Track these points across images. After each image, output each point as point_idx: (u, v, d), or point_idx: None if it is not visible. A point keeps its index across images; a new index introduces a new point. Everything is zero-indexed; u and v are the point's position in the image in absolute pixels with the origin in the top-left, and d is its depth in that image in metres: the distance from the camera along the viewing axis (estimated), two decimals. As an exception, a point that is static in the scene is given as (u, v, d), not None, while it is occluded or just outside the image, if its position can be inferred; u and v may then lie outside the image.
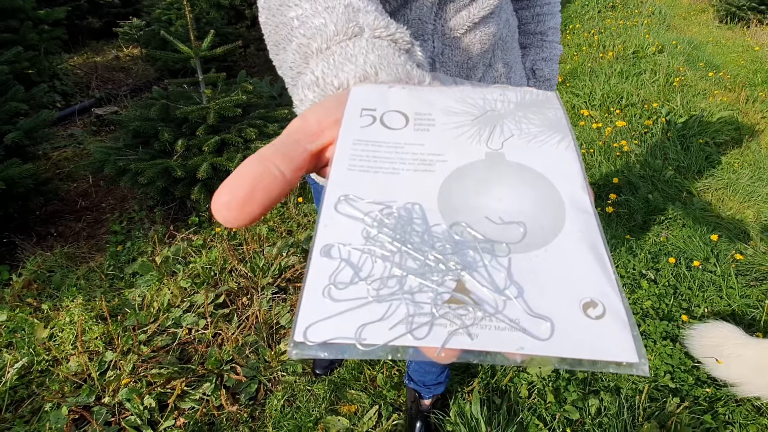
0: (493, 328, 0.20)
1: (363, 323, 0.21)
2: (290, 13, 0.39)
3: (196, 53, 2.26)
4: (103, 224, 2.31)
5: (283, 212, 2.26)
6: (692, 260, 1.99)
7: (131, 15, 5.41)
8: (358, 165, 0.26)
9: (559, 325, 0.20)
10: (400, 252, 0.23)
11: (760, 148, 3.16)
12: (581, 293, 0.21)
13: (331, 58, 0.33)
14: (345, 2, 0.38)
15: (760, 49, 5.46)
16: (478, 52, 0.71)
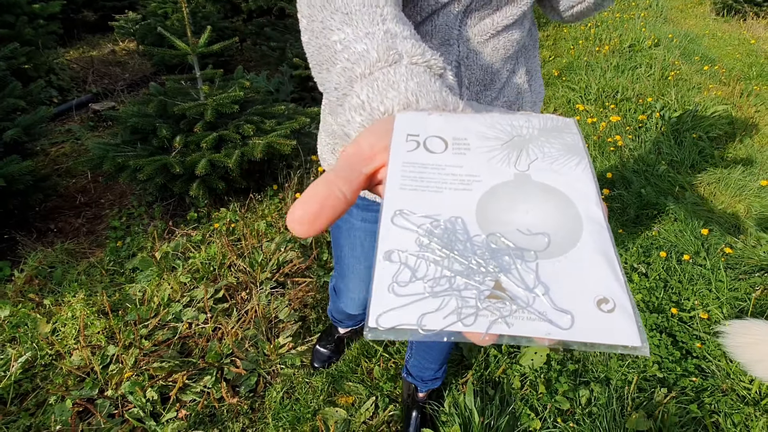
0: (525, 318, 0.26)
1: (422, 313, 0.26)
2: (333, 36, 0.43)
3: (194, 50, 2.28)
4: (102, 220, 2.33)
5: (281, 208, 2.29)
6: (683, 254, 2.03)
7: (126, 8, 5.38)
8: (408, 185, 0.31)
9: (578, 317, 0.26)
10: (448, 257, 0.28)
11: (753, 142, 3.19)
12: (595, 292, 0.27)
13: (375, 84, 0.37)
14: (384, 28, 0.42)
15: (756, 42, 5.48)
16: (501, 58, 0.75)
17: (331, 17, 0.44)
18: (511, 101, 0.82)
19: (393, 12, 0.45)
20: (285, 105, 2.51)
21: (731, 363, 1.57)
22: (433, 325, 0.25)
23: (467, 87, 0.76)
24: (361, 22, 0.43)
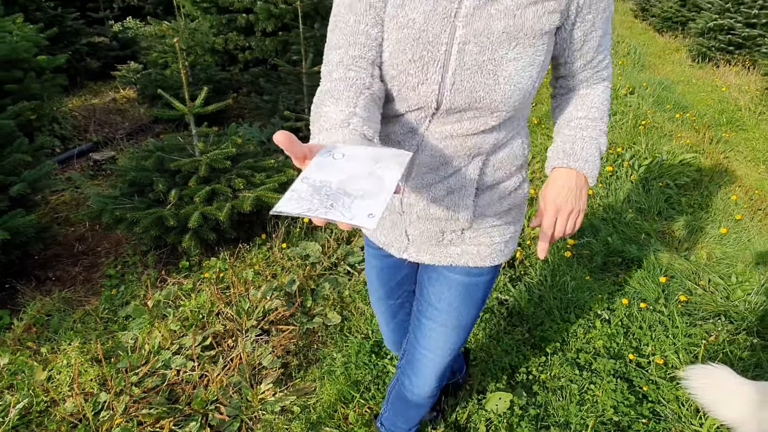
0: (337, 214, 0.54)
1: (305, 208, 0.55)
2: (323, 109, 0.80)
3: (190, 110, 2.46)
4: (98, 268, 2.46)
5: (268, 256, 2.43)
6: (644, 300, 2.16)
7: (129, 58, 5.66)
8: (318, 165, 0.61)
9: (356, 218, 0.54)
10: (320, 191, 0.57)
11: (719, 189, 3.38)
12: (370, 210, 0.54)
13: (327, 134, 0.73)
14: (348, 111, 0.77)
15: (727, 89, 5.78)
16: (461, 155, 0.91)
17: (325, 100, 0.81)
18: (454, 188, 0.93)
19: (365, 102, 0.80)
20: (275, 158, 2.68)
21: (683, 407, 1.68)
22: (299, 211, 0.54)
23: (417, 167, 0.92)
24: (339, 105, 0.78)
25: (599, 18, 0.87)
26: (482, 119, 0.86)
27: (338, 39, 0.86)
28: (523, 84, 0.83)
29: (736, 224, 2.85)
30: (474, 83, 0.82)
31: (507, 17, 0.79)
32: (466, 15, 0.79)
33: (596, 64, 0.95)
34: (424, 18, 0.81)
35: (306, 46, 3.79)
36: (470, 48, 0.80)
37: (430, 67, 0.82)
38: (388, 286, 1.25)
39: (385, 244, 1.09)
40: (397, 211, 1.00)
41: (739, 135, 4.53)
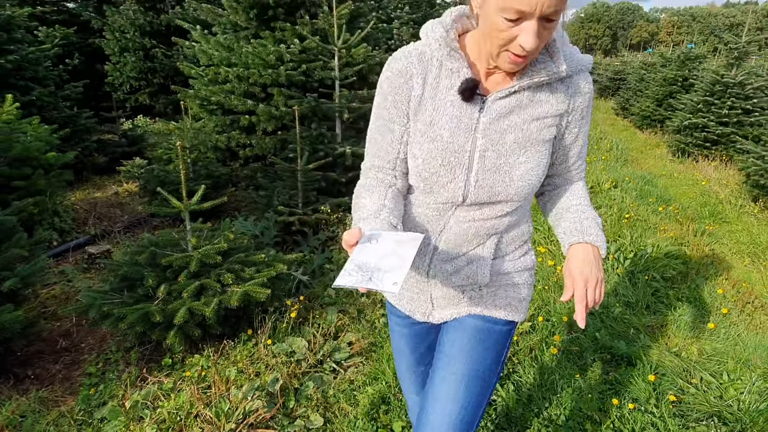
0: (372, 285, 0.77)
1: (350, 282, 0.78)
2: (361, 200, 1.04)
3: (186, 207, 2.56)
4: (79, 365, 2.41)
5: (253, 353, 2.40)
6: (635, 400, 2.11)
7: (135, 154, 5.95)
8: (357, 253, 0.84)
9: (384, 287, 0.77)
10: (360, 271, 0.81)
11: (706, 282, 3.41)
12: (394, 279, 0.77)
13: (362, 223, 0.97)
14: (379, 203, 1.01)
15: (707, 183, 6.01)
16: (476, 235, 1.08)
17: (362, 193, 1.07)
18: (473, 260, 1.10)
19: (392, 196, 1.06)
20: (265, 252, 2.75)
21: None
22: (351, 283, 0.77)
23: (443, 243, 1.09)
24: (374, 197, 1.04)
25: (581, 132, 1.08)
26: (499, 207, 1.05)
27: (371, 149, 1.11)
28: (532, 180, 1.02)
29: (724, 318, 2.85)
30: (493, 181, 1.01)
31: (516, 130, 0.99)
32: (483, 129, 0.99)
33: (577, 166, 1.13)
34: (450, 133, 1.00)
35: (302, 145, 4.03)
36: (489, 154, 1.00)
37: (457, 170, 1.01)
38: (418, 352, 1.32)
39: (410, 311, 1.22)
40: (424, 279, 1.15)
41: (722, 227, 4.65)
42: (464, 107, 0.99)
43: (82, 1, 9.23)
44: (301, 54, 4.65)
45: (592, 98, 1.05)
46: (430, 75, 1.01)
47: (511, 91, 0.97)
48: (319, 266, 3.30)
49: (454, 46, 0.98)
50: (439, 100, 1.01)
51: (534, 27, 0.83)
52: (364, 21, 5.64)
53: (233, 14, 4.94)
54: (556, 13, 0.83)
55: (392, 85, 1.03)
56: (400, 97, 1.02)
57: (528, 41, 0.84)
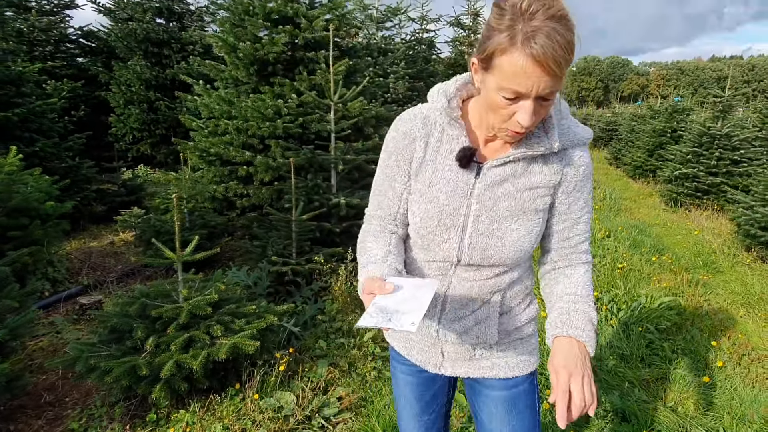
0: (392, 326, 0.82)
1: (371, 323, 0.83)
2: (367, 245, 1.12)
3: (179, 258, 2.58)
4: (62, 421, 2.36)
5: (240, 408, 2.35)
6: (631, 459, 2.05)
7: (134, 203, 6.02)
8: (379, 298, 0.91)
9: (402, 326, 0.83)
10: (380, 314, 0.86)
11: (702, 333, 3.38)
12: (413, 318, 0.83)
13: (369, 267, 1.05)
14: (386, 249, 1.09)
15: (700, 232, 6.06)
16: (481, 293, 1.11)
17: (368, 237, 1.14)
18: (481, 319, 1.13)
19: (395, 242, 1.13)
20: (257, 303, 2.74)
21: None
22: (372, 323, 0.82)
23: (450, 303, 1.12)
24: (379, 243, 1.11)
25: (575, 205, 1.08)
26: (495, 269, 1.08)
27: (374, 200, 1.19)
28: (524, 246, 1.05)
29: (720, 371, 2.81)
30: (486, 245, 1.04)
31: (509, 198, 1.03)
32: (478, 194, 1.03)
33: (574, 243, 1.11)
34: (447, 196, 1.05)
35: (298, 195, 4.10)
36: (482, 219, 1.04)
37: (452, 231, 1.05)
38: (423, 400, 1.31)
39: (421, 361, 1.23)
40: (434, 337, 1.17)
41: (716, 277, 4.65)
42: (461, 172, 1.04)
43: (91, 57, 9.61)
44: (299, 108, 4.82)
45: (588, 172, 1.06)
46: (432, 138, 1.07)
47: (506, 160, 1.02)
48: (311, 317, 3.29)
49: (454, 116, 1.04)
50: (438, 164, 1.06)
51: (530, 106, 0.88)
52: (360, 76, 5.87)
53: (235, 70, 5.15)
54: (551, 93, 0.87)
55: (397, 146, 1.10)
56: (403, 158, 1.09)
57: (524, 119, 0.89)
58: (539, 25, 0.81)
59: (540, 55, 0.81)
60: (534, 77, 0.83)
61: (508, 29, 0.83)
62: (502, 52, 0.85)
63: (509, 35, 0.83)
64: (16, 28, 8.28)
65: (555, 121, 1.01)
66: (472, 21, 10.67)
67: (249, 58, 4.93)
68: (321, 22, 4.94)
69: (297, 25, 5.09)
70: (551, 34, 0.81)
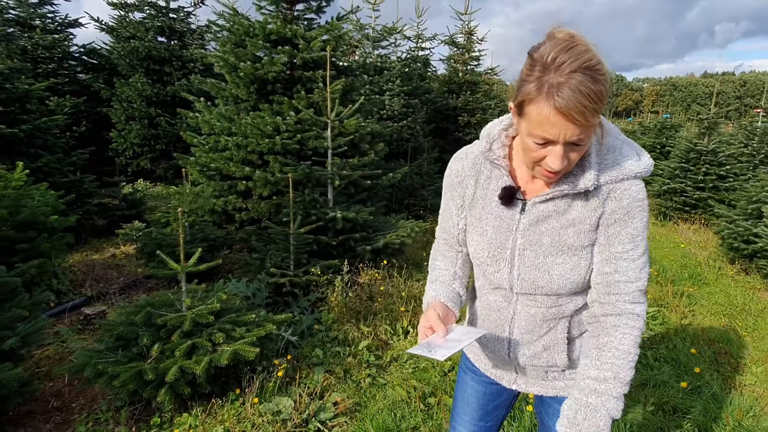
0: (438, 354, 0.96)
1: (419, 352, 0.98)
2: (437, 262, 1.30)
3: (183, 269, 2.72)
4: (70, 425, 2.46)
5: (240, 412, 2.46)
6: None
7: (134, 217, 6.14)
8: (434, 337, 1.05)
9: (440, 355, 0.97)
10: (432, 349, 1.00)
11: (684, 342, 3.52)
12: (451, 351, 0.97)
13: (435, 284, 1.24)
14: (453, 270, 1.26)
15: (686, 246, 6.23)
16: (544, 320, 1.14)
17: (437, 255, 1.31)
18: (549, 345, 1.15)
19: (461, 262, 1.27)
20: (256, 313, 2.87)
21: None
22: (418, 352, 0.96)
23: (517, 329, 1.17)
24: (447, 263, 1.27)
25: (616, 239, 1.03)
26: (552, 298, 1.11)
27: (441, 222, 1.30)
28: (573, 279, 1.06)
29: (698, 377, 2.95)
30: (534, 277, 1.09)
31: (552, 234, 1.06)
32: (523, 229, 1.09)
33: (613, 281, 1.04)
34: (494, 230, 1.13)
35: (296, 209, 4.24)
36: (528, 253, 1.09)
37: (501, 263, 1.12)
38: (485, 409, 1.37)
39: (496, 376, 1.31)
40: (509, 361, 1.23)
41: (701, 289, 4.80)
42: (507, 209, 1.11)
43: (93, 74, 9.81)
44: (297, 125, 4.99)
45: (634, 205, 1.01)
46: (482, 176, 1.15)
47: (548, 197, 1.05)
48: (308, 327, 3.41)
49: (494, 159, 1.10)
50: (488, 200, 1.14)
51: (560, 151, 0.92)
52: (357, 94, 6.07)
53: (235, 88, 5.32)
54: (580, 140, 0.91)
55: (450, 183, 1.22)
56: (456, 193, 1.21)
57: (554, 163, 0.93)
58: (565, 78, 0.84)
59: (563, 107, 0.84)
60: (559, 126, 0.87)
61: (537, 81, 0.88)
62: (530, 102, 0.90)
63: (537, 86, 0.88)
64: (20, 46, 8.47)
65: (594, 159, 1.02)
66: (466, 39, 10.95)
67: (249, 77, 5.11)
68: (318, 43, 5.14)
69: (295, 45, 5.29)
70: (576, 87, 0.83)
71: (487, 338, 1.23)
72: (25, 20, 8.92)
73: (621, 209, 1.02)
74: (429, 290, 1.23)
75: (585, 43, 0.88)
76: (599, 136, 1.03)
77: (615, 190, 1.02)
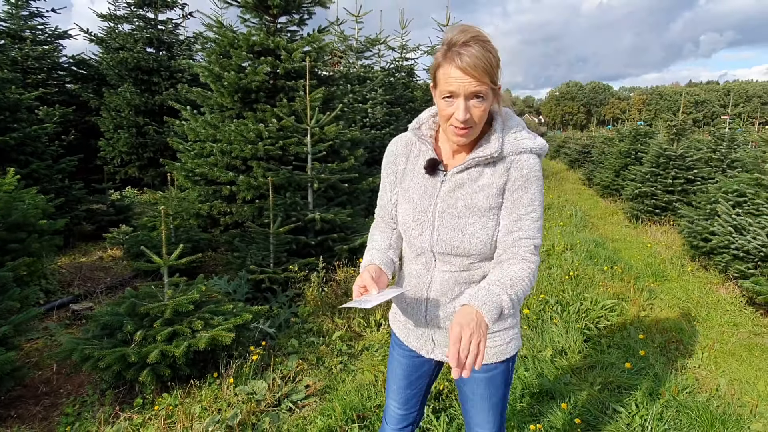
0: None
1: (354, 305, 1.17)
2: (375, 235, 1.49)
3: (165, 263, 2.93)
4: (58, 407, 2.65)
5: (217, 393, 2.66)
6: (552, 427, 2.40)
7: (122, 222, 6.32)
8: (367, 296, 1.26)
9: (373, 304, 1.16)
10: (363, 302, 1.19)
11: (637, 330, 3.77)
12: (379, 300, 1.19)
13: (372, 252, 1.43)
14: (388, 242, 1.46)
15: (652, 246, 6.52)
16: (457, 283, 1.33)
17: (375, 230, 1.50)
18: (458, 306, 1.31)
19: (395, 237, 1.47)
20: (234, 304, 3.08)
21: None
22: (350, 305, 1.15)
23: (434, 292, 1.36)
24: (383, 236, 1.47)
25: (519, 203, 1.25)
26: (465, 259, 1.30)
27: (378, 203, 1.51)
28: (482, 238, 1.26)
29: (642, 359, 3.19)
30: (450, 237, 1.28)
31: (466, 198, 1.27)
32: (443, 195, 1.30)
33: (517, 238, 1.25)
34: (419, 197, 1.33)
35: (277, 211, 4.47)
36: (446, 215, 1.29)
37: (424, 226, 1.32)
38: (409, 379, 1.56)
39: (416, 347, 1.49)
40: (424, 323, 1.42)
41: (663, 285, 5.07)
42: (431, 179, 1.32)
43: (82, 84, 10.00)
44: (279, 131, 5.23)
45: (532, 174, 1.24)
46: (412, 154, 1.38)
47: (463, 167, 1.26)
48: (286, 320, 3.62)
49: (420, 135, 1.35)
50: (416, 173, 1.35)
51: (462, 104, 1.14)
52: (339, 102, 6.32)
53: (220, 97, 5.56)
54: (477, 93, 1.13)
55: (386, 162, 1.44)
56: (390, 171, 1.43)
57: (459, 114, 1.14)
58: (461, 45, 1.12)
59: (460, 64, 1.11)
60: (459, 79, 1.11)
61: (443, 52, 1.15)
62: (439, 67, 1.16)
63: (442, 55, 1.15)
64: (11, 57, 8.66)
65: (498, 134, 1.25)
66: (449, 50, 11.31)
67: (233, 86, 5.35)
68: (299, 54, 5.40)
69: (278, 56, 5.55)
70: (469, 50, 1.10)
71: (407, 302, 1.44)
72: (16, 32, 9.12)
73: (522, 177, 1.25)
74: (366, 256, 1.43)
75: (478, 28, 1.16)
76: (504, 119, 1.29)
77: (516, 161, 1.25)
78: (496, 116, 1.27)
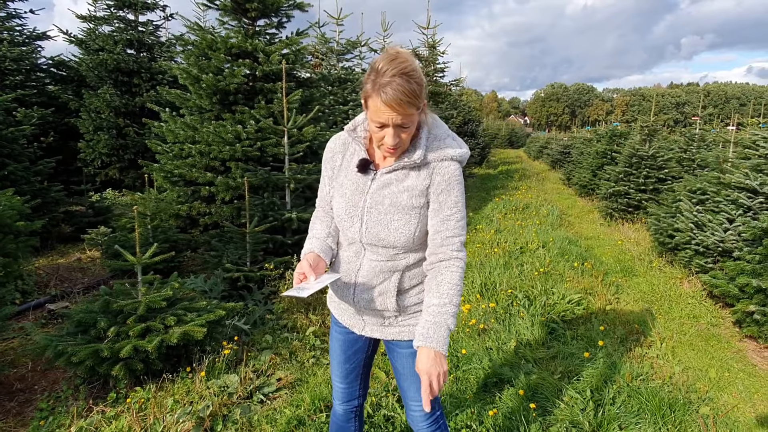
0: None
1: (293, 293, 1.29)
2: (315, 225, 1.61)
3: (138, 261, 3.00)
4: (32, 403, 2.71)
5: (189, 387, 2.74)
6: (511, 412, 2.53)
7: (101, 223, 6.33)
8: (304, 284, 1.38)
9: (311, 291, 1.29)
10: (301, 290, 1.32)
11: (602, 323, 3.93)
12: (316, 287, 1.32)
13: (312, 242, 1.53)
14: (327, 231, 1.57)
15: (623, 243, 6.72)
16: (383, 271, 1.46)
17: (315, 220, 1.61)
18: (383, 292, 1.48)
19: (334, 226, 1.57)
20: (208, 301, 3.16)
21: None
22: (290, 294, 1.28)
23: (361, 277, 1.48)
24: (323, 225, 1.58)
25: (443, 205, 1.39)
26: (391, 250, 1.43)
27: (318, 194, 1.62)
28: (405, 233, 1.40)
29: (601, 350, 3.34)
30: (377, 230, 1.41)
31: (392, 197, 1.40)
32: (372, 192, 1.42)
33: (446, 236, 1.40)
34: (351, 192, 1.45)
35: (254, 211, 4.54)
36: (373, 211, 1.41)
37: (354, 218, 1.44)
38: (346, 354, 1.70)
39: (349, 324, 1.63)
40: (353, 305, 1.54)
41: (631, 280, 5.26)
42: (362, 176, 1.45)
43: (61, 85, 9.94)
44: (257, 133, 5.30)
45: (453, 180, 1.38)
46: (348, 152, 1.50)
47: (391, 169, 1.40)
48: (261, 317, 3.70)
49: (355, 136, 1.48)
50: (350, 170, 1.48)
51: (392, 132, 1.28)
52: (318, 104, 6.41)
53: (198, 99, 5.61)
54: (405, 123, 1.26)
55: (325, 158, 1.56)
56: (328, 166, 1.55)
57: (389, 141, 1.29)
58: (387, 80, 1.20)
59: (387, 101, 1.21)
60: (387, 113, 1.24)
61: (372, 82, 1.24)
62: (369, 97, 1.27)
63: (371, 86, 1.24)
64: (-13, 59, 8.58)
65: (423, 142, 1.38)
66: (430, 53, 11.46)
67: (211, 89, 5.41)
68: (277, 57, 5.48)
69: (256, 59, 5.62)
70: (395, 87, 1.20)
71: (338, 286, 1.56)
72: (-7, 33, 9.04)
73: (444, 181, 1.39)
74: (306, 244, 1.54)
75: (405, 56, 1.27)
76: (430, 127, 1.43)
77: (439, 167, 1.39)
78: (423, 126, 1.40)
